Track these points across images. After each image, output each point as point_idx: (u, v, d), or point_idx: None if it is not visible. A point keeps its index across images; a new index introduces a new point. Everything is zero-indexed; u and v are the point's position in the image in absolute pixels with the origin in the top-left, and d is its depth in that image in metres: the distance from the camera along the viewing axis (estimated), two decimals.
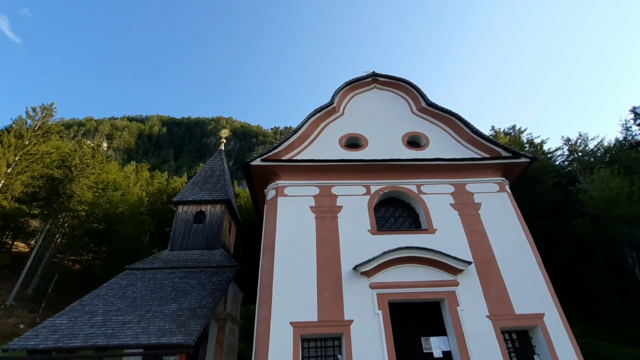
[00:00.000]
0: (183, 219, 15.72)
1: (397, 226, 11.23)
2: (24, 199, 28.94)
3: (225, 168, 18.89)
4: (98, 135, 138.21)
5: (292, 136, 12.07)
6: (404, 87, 14.35)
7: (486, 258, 9.95)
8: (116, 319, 9.74)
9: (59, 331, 9.13)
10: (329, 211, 10.86)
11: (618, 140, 30.82)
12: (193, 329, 9.06)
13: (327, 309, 8.89)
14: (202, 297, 11.07)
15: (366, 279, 9.41)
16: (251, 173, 11.76)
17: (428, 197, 11.29)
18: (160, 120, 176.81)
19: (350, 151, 12.41)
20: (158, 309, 10.29)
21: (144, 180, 45.99)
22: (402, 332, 8.93)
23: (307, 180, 11.55)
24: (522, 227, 10.70)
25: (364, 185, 11.52)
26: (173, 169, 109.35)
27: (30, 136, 29.40)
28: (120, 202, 33.29)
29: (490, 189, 11.56)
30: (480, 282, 9.47)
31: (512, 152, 11.76)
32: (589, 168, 27.26)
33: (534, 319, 8.92)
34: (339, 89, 13.72)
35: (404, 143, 12.74)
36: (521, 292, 9.33)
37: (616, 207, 21.19)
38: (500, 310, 9.02)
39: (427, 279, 9.45)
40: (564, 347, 8.48)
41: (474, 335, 8.58)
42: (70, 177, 30.54)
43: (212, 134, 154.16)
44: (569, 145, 32.00)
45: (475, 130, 12.31)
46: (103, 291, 11.50)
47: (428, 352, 8.78)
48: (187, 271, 13.06)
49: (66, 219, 31.33)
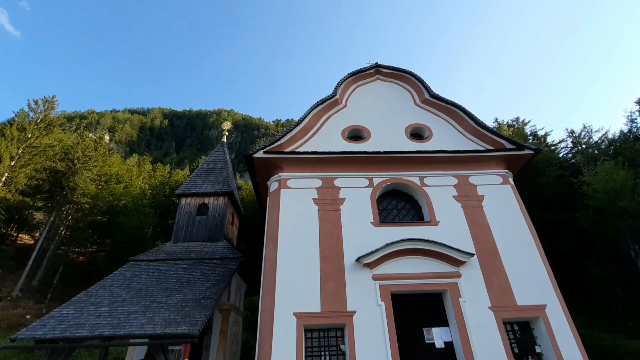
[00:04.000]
0: (186, 211, 15.79)
1: (400, 218, 11.23)
2: (28, 192, 29.01)
3: (227, 160, 18.89)
4: (100, 128, 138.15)
5: (295, 128, 12.02)
6: (407, 78, 14.21)
7: (489, 250, 9.97)
8: (122, 310, 9.85)
9: (65, 321, 9.24)
10: (331, 203, 10.87)
11: (623, 133, 30.56)
12: (198, 320, 9.16)
13: (330, 300, 8.96)
14: (206, 288, 11.17)
15: (369, 271, 9.46)
16: (254, 165, 11.74)
17: (431, 189, 11.27)
18: (162, 113, 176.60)
19: (353, 143, 12.35)
20: (163, 299, 10.40)
21: (147, 173, 46.09)
22: (404, 323, 9.02)
23: (309, 172, 11.54)
24: (525, 220, 10.68)
25: (366, 178, 11.49)
26: (175, 162, 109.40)
27: (33, 129, 29.36)
28: (123, 194, 33.45)
29: (493, 181, 11.51)
30: (483, 274, 9.51)
31: (516, 144, 11.67)
32: (592, 160, 27.04)
33: (536, 310, 8.96)
34: (341, 80, 13.59)
35: (407, 135, 12.67)
36: (523, 284, 9.36)
37: (620, 200, 21.12)
38: (502, 301, 9.07)
39: (429, 270, 9.49)
40: (565, 338, 8.54)
41: (476, 326, 8.64)
42: (73, 169, 30.62)
43: (214, 126, 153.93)
44: (572, 137, 31.66)
45: (478, 122, 12.21)
46: (108, 282, 11.62)
47: (430, 342, 8.88)
48: (191, 263, 13.17)
49: (70, 212, 31.54)
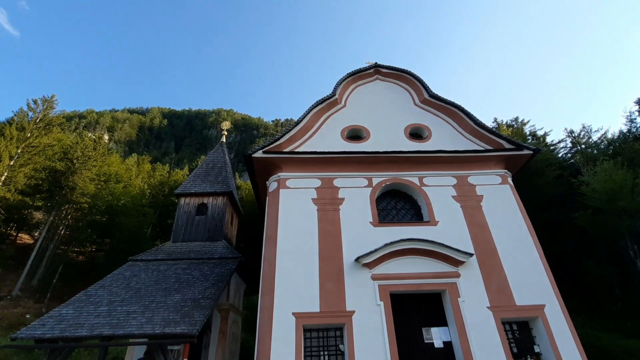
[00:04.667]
0: (185, 211, 15.79)
1: (399, 218, 11.24)
2: (27, 191, 29.01)
3: (226, 160, 18.90)
4: (99, 127, 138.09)
5: (294, 128, 12.02)
6: (406, 78, 14.22)
7: (488, 250, 9.98)
8: (121, 309, 9.85)
9: (65, 321, 9.25)
10: (330, 203, 10.87)
11: (622, 132, 30.55)
12: (197, 319, 9.17)
13: (329, 300, 8.97)
14: (205, 288, 11.18)
15: (368, 271, 9.47)
16: (253, 165, 11.75)
17: (430, 189, 11.28)
18: (161, 113, 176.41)
19: (352, 143, 12.36)
20: (162, 299, 10.40)
21: (146, 173, 46.07)
22: (403, 323, 9.04)
23: (309, 172, 11.54)
24: (524, 220, 10.70)
25: (365, 178, 11.50)
26: (174, 161, 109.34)
27: (32, 128, 29.33)
28: (122, 194, 33.37)
29: (492, 181, 11.53)
30: (482, 274, 9.53)
31: (515, 144, 11.68)
32: (591, 160, 27.02)
33: (535, 310, 8.98)
34: (340, 80, 13.59)
35: (406, 135, 12.67)
36: (522, 284, 9.38)
37: (619, 200, 21.10)
38: (501, 301, 9.09)
39: (428, 270, 9.50)
40: (564, 338, 8.56)
41: (475, 325, 8.66)
42: (73, 169, 30.57)
43: (213, 126, 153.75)
44: (572, 137, 31.69)
45: (477, 122, 12.22)
46: (107, 282, 11.62)
47: (429, 342, 8.90)
48: (190, 262, 13.17)
49: (69, 211, 31.51)
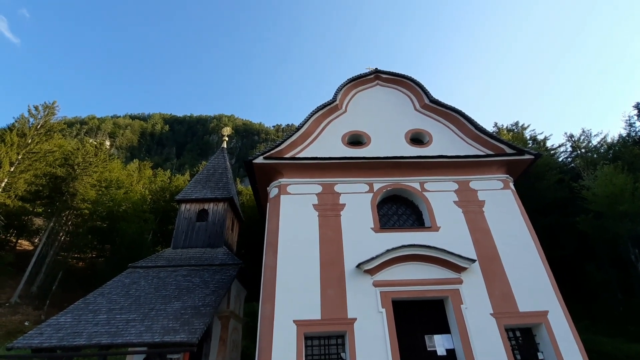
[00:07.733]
0: (186, 217, 15.74)
1: (401, 224, 11.19)
2: (28, 197, 28.98)
3: (227, 166, 18.88)
4: (100, 133, 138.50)
5: (295, 134, 12.02)
6: (406, 83, 14.25)
7: (490, 256, 9.91)
8: (120, 317, 9.77)
9: (63, 329, 9.17)
10: (332, 209, 10.83)
11: (621, 137, 30.55)
12: (197, 327, 9.08)
13: (331, 307, 8.88)
14: (205, 295, 11.09)
15: (369, 277, 9.39)
16: (254, 171, 11.72)
17: (431, 195, 11.24)
18: (163, 118, 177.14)
19: (353, 149, 12.35)
20: (162, 307, 10.32)
21: (147, 179, 46.12)
22: (405, 330, 8.92)
23: (309, 178, 11.51)
24: (526, 225, 10.64)
25: (367, 183, 11.47)
26: (175, 167, 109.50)
27: (33, 134, 29.40)
28: (123, 200, 33.32)
29: (494, 186, 11.49)
30: (484, 280, 9.44)
31: (516, 149, 11.67)
32: (592, 164, 27.02)
33: (538, 317, 8.89)
34: (341, 85, 13.63)
35: (407, 140, 12.67)
36: (525, 290, 9.30)
37: (619, 204, 21.04)
38: (504, 308, 9.00)
39: (430, 277, 9.42)
40: (568, 344, 8.46)
41: (478, 333, 8.57)
42: (73, 175, 30.62)
43: (214, 131, 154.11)
44: (572, 141, 31.78)
45: (478, 127, 12.22)
46: (107, 289, 11.54)
47: (432, 349, 8.78)
48: (191, 269, 13.09)
49: (70, 217, 31.45)
